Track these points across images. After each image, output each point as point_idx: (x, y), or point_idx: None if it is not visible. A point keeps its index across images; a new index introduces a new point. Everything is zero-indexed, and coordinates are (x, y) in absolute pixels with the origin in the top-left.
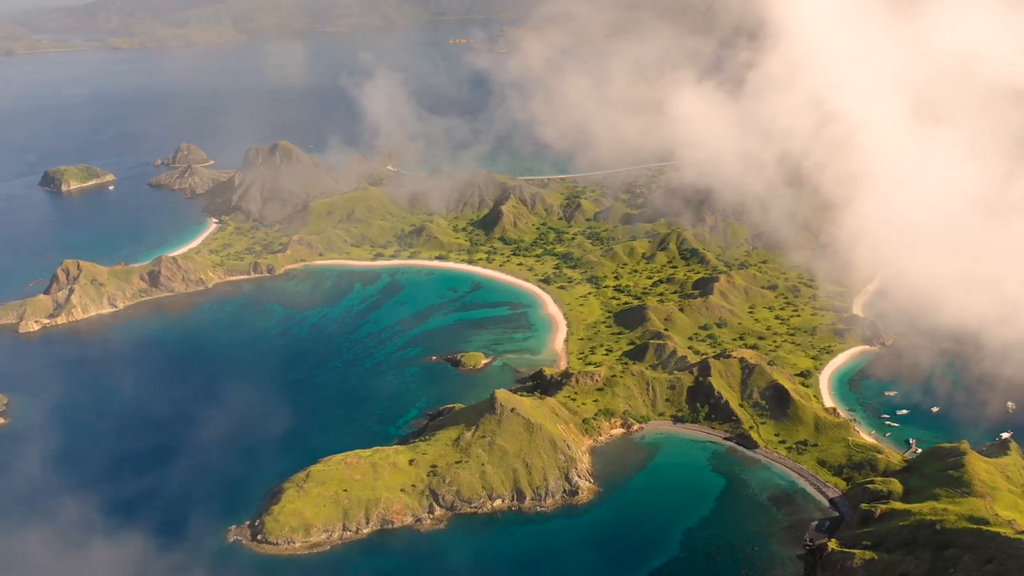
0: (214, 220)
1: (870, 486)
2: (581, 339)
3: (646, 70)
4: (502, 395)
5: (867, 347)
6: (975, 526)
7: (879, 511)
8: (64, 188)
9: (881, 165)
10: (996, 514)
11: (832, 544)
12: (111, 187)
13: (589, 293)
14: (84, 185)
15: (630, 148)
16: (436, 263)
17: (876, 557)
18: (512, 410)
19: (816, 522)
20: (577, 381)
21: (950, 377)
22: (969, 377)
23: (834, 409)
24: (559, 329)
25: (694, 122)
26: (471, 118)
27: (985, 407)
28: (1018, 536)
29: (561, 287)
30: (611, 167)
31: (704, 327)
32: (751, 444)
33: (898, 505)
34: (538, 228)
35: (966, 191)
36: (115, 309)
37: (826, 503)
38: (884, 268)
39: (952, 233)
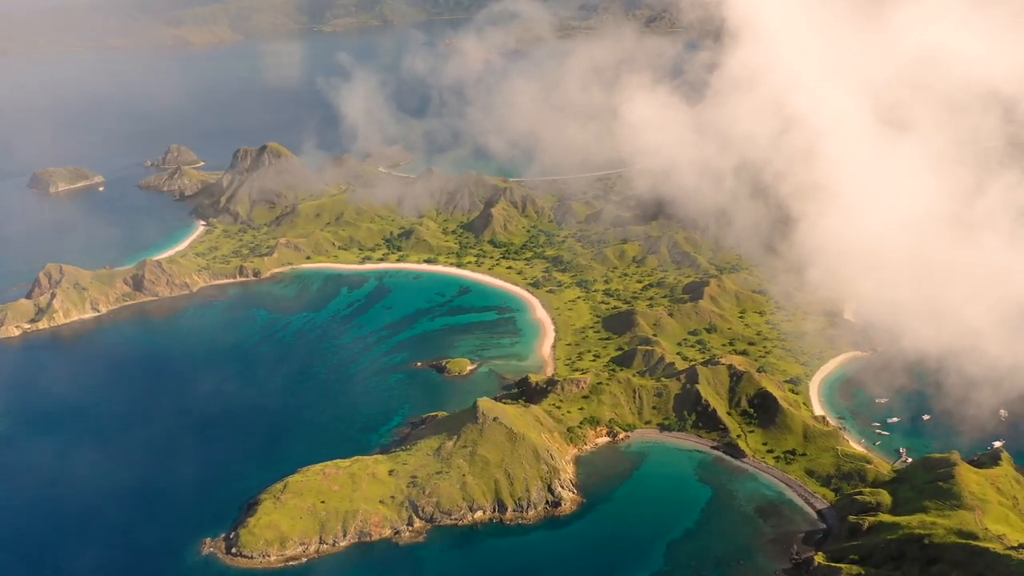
0: (202, 222)
1: (858, 497)
2: (569, 345)
3: (615, 73)
4: (484, 404)
5: (859, 353)
6: (964, 541)
7: (867, 524)
8: (52, 190)
9: (843, 176)
10: (986, 528)
11: (819, 558)
12: (101, 188)
13: (578, 297)
14: (72, 187)
15: (584, 154)
16: (424, 266)
17: (863, 572)
18: (494, 419)
19: (803, 534)
20: (562, 388)
21: (942, 383)
22: (961, 384)
23: (823, 417)
24: (547, 334)
25: (650, 128)
26: (423, 122)
27: (977, 415)
28: (1007, 552)
29: (550, 291)
30: (560, 173)
31: (694, 332)
32: (738, 453)
33: (886, 518)
34: (528, 231)
35: (931, 206)
36: (97, 314)
37: (814, 515)
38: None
39: (915, 253)
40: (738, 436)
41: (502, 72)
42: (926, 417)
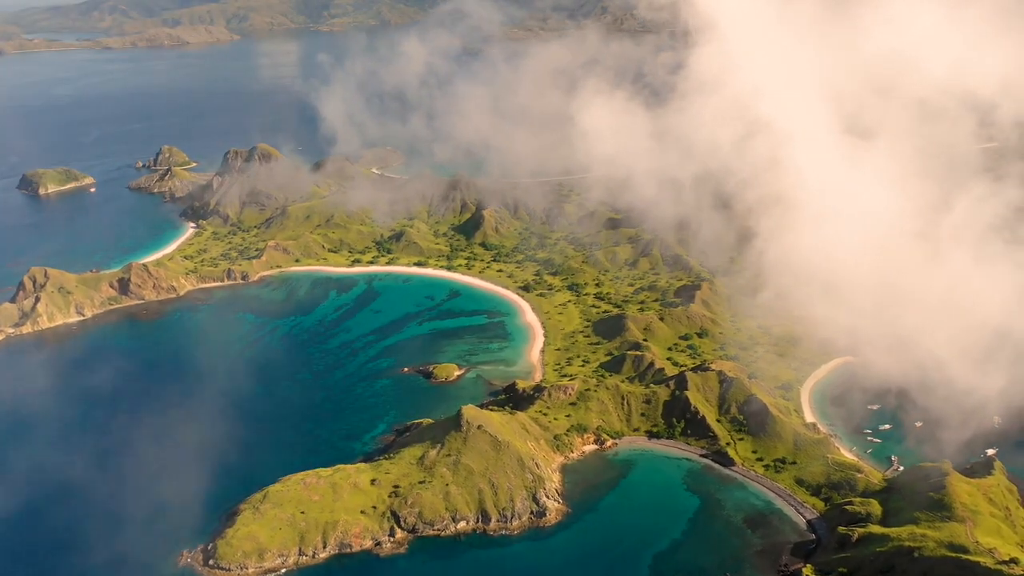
0: (191, 224)
1: (848, 507)
2: (558, 349)
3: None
4: (469, 411)
5: (851, 358)
6: (954, 554)
7: (856, 535)
8: (42, 191)
9: (805, 188)
10: (976, 541)
11: (807, 570)
12: (92, 190)
13: (569, 301)
14: (62, 188)
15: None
16: (414, 269)
17: None
18: (479, 427)
19: (792, 545)
20: (550, 395)
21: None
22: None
23: (814, 424)
24: (536, 339)
25: (606, 135)
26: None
27: (971, 421)
28: (998, 567)
29: (540, 294)
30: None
31: (684, 337)
32: (727, 461)
33: (876, 529)
34: (520, 233)
35: (896, 221)
36: (82, 318)
37: (803, 525)
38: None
39: (876, 274)
40: (727, 444)
41: (464, 74)
42: (919, 424)
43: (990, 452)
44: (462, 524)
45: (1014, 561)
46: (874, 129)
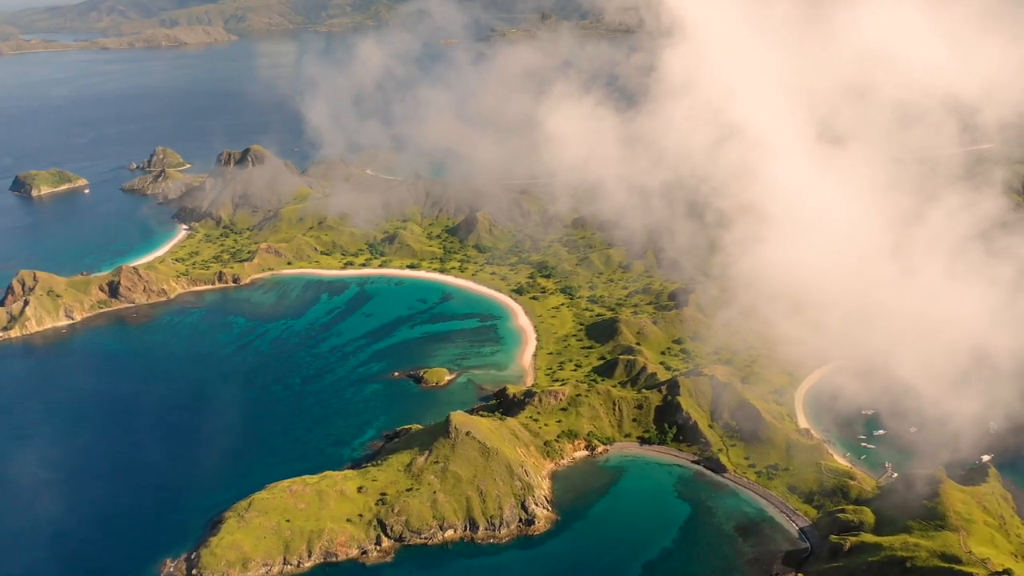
0: (183, 227)
1: (841, 515)
2: (550, 353)
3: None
4: (457, 417)
5: (846, 362)
6: (947, 564)
7: (849, 544)
8: (35, 193)
9: (776, 199)
10: (970, 551)
11: None
12: (86, 191)
13: (562, 304)
14: (55, 190)
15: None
16: (407, 272)
17: None
18: (467, 433)
19: (784, 554)
20: (540, 400)
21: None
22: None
23: (808, 430)
24: (528, 343)
25: (573, 140)
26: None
27: (966, 427)
28: None
29: (534, 297)
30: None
31: (678, 341)
32: (719, 468)
33: (868, 538)
34: (514, 235)
35: (869, 235)
36: (72, 321)
37: (795, 533)
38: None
39: (846, 291)
40: (719, 450)
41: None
42: (913, 429)
43: (985, 458)
44: (450, 532)
45: (1008, 572)
46: (850, 134)
